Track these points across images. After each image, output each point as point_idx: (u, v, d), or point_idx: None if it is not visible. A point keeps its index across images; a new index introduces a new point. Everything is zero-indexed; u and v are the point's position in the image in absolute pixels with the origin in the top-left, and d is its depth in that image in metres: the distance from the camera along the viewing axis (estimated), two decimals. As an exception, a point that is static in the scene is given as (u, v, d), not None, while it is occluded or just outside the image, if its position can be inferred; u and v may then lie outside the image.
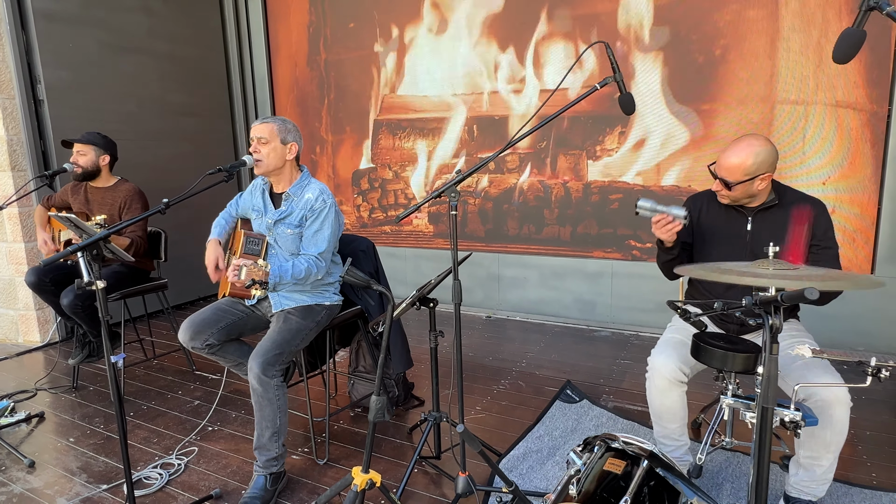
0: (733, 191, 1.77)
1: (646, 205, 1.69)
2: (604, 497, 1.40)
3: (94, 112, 3.86)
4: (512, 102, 3.92)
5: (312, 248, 2.13)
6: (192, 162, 4.56)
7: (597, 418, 2.52)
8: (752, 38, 3.18)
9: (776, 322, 1.02)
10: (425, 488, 2.05)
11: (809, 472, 1.69)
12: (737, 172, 1.74)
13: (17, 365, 3.43)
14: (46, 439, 2.50)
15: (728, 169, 1.75)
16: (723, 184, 1.78)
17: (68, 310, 2.76)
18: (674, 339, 1.88)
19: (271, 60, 4.90)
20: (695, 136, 3.41)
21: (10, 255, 3.68)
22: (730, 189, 1.77)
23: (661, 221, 1.71)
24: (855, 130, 3.05)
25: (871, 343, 3.10)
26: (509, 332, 3.80)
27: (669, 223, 1.70)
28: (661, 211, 1.70)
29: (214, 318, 2.15)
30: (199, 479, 2.15)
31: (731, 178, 1.75)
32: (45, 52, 3.57)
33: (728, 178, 1.76)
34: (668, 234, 1.72)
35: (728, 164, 1.75)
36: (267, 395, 1.94)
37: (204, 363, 3.31)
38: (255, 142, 2.09)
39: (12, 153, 3.52)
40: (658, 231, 1.74)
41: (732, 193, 1.78)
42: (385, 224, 4.59)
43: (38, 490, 2.11)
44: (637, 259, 3.69)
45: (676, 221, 1.69)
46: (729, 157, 1.75)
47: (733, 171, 1.74)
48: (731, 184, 1.75)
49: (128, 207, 2.98)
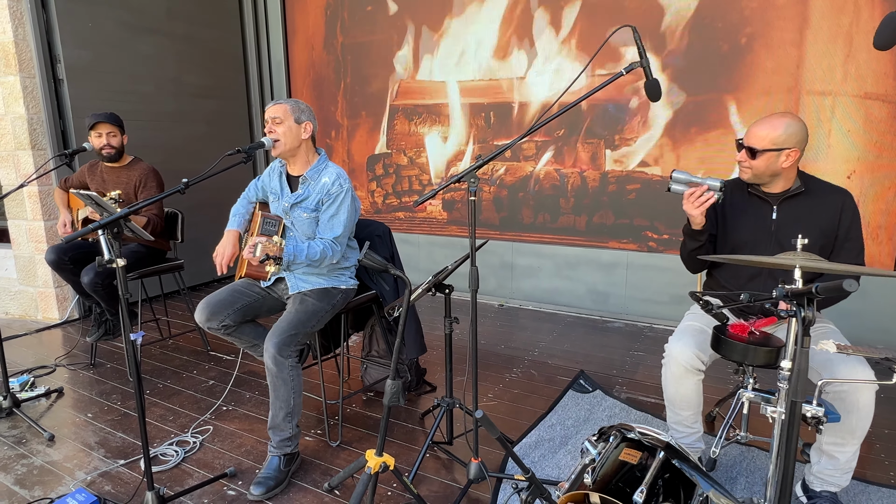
0: (758, 159, 1.71)
1: (681, 177, 1.65)
2: (619, 487, 1.40)
3: (112, 92, 3.88)
4: (531, 89, 3.87)
5: (328, 232, 2.13)
6: (207, 144, 4.57)
7: (609, 409, 2.51)
8: (779, 25, 3.10)
9: (809, 314, 0.99)
10: (437, 473, 2.06)
11: (833, 460, 1.66)
12: (765, 140, 1.70)
13: (37, 341, 3.50)
14: (65, 414, 2.55)
15: (757, 136, 1.71)
16: (748, 152, 1.72)
17: (88, 288, 2.80)
18: (692, 326, 1.85)
19: (288, 43, 4.87)
20: (717, 127, 3.35)
21: (31, 233, 3.73)
22: (755, 157, 1.71)
23: (695, 194, 1.66)
24: (884, 123, 2.96)
25: (889, 340, 3.05)
26: (522, 321, 3.79)
27: (702, 196, 1.65)
28: (697, 182, 1.65)
29: (231, 299, 2.16)
30: (214, 458, 2.18)
31: (758, 144, 1.70)
32: (65, 31, 3.58)
33: (755, 144, 1.71)
34: (700, 209, 1.68)
35: (757, 132, 1.71)
36: (282, 375, 1.95)
37: (218, 344, 3.35)
38: (270, 122, 2.08)
39: (32, 132, 3.55)
40: (690, 206, 1.69)
41: (756, 163, 1.72)
42: (399, 210, 4.58)
43: (58, 463, 2.15)
44: (653, 251, 3.65)
45: (712, 194, 1.64)
46: (759, 126, 1.72)
47: (762, 138, 1.70)
48: (757, 151, 1.70)
49: (143, 186, 3.00)
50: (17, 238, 3.80)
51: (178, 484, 2.00)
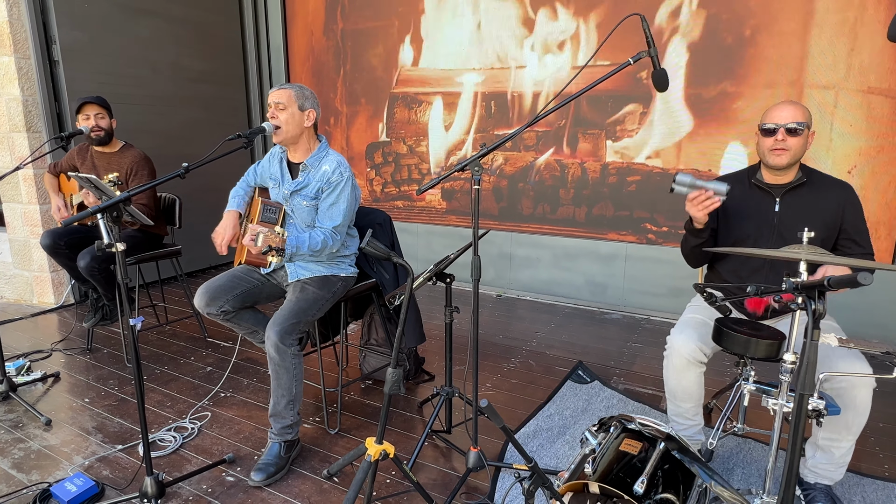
0: (797, 138, 1.71)
1: (685, 180, 1.62)
2: (620, 477, 1.41)
3: (108, 75, 3.82)
4: (532, 79, 3.84)
5: (328, 221, 2.11)
6: (205, 129, 4.53)
7: (607, 399, 2.52)
8: (784, 18, 3.08)
9: (819, 307, 0.99)
10: (436, 461, 2.06)
11: (828, 454, 1.67)
12: (799, 116, 1.71)
13: (32, 325, 3.47)
14: (62, 399, 2.54)
15: (790, 115, 1.71)
16: (788, 132, 1.72)
17: (85, 272, 2.77)
18: (694, 319, 1.86)
19: (287, 28, 4.81)
20: (719, 119, 3.34)
21: (26, 216, 3.69)
22: (798, 133, 1.71)
23: (698, 198, 1.65)
24: (886, 118, 2.96)
25: (885, 335, 3.07)
26: (520, 312, 3.80)
27: (707, 200, 1.64)
28: (701, 186, 1.63)
29: (230, 284, 2.15)
30: (213, 444, 2.18)
31: (795, 122, 1.70)
32: (60, 11, 3.52)
33: (792, 122, 1.70)
34: (703, 211, 1.67)
35: (788, 112, 1.72)
36: (284, 363, 1.94)
37: (216, 330, 3.34)
38: (273, 108, 2.05)
39: (27, 113, 3.50)
40: (693, 209, 1.68)
41: (795, 142, 1.72)
42: (398, 199, 4.56)
43: (55, 447, 2.15)
44: (652, 243, 3.65)
45: (716, 198, 1.63)
46: (783, 108, 1.73)
47: (797, 114, 1.71)
48: (797, 128, 1.70)
49: (135, 174, 2.96)
50: (11, 222, 3.76)
51: (176, 469, 2.00)
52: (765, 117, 1.77)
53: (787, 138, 1.72)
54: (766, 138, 1.76)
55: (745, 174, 1.91)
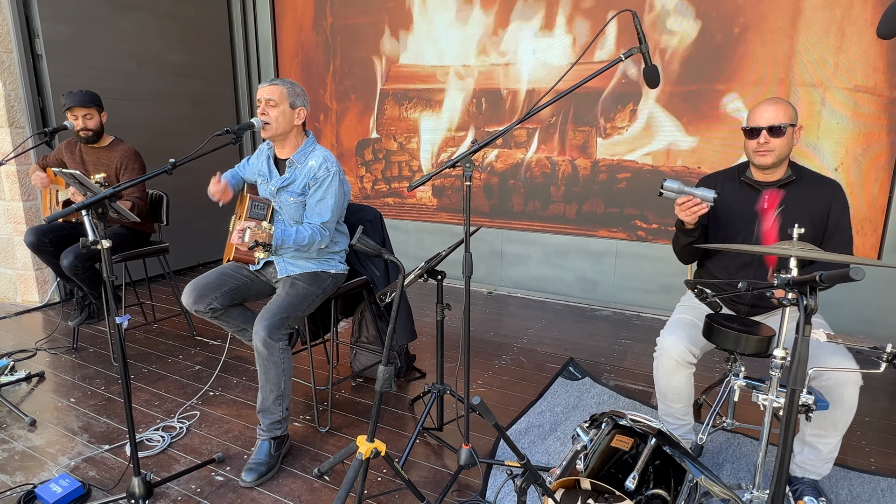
0: (781, 137, 1.71)
1: (673, 186, 1.64)
2: (611, 473, 1.41)
3: (93, 70, 3.76)
4: (523, 76, 3.83)
5: (315, 217, 2.09)
6: (193, 124, 4.47)
7: (598, 396, 2.53)
8: (773, 16, 3.10)
9: (811, 303, 0.99)
10: (427, 459, 2.06)
11: (815, 450, 1.69)
12: (783, 116, 1.71)
13: (16, 324, 3.41)
14: (47, 399, 2.49)
15: (773, 115, 1.71)
16: (770, 132, 1.72)
17: (68, 271, 2.73)
18: (683, 319, 1.87)
19: (276, 22, 4.76)
20: (708, 117, 3.35)
21: (9, 213, 3.62)
22: (782, 133, 1.71)
23: (686, 203, 1.66)
24: (872, 116, 2.99)
25: (871, 331, 3.11)
26: (510, 309, 3.80)
27: (695, 205, 1.65)
28: (689, 192, 1.64)
29: (219, 281, 2.12)
30: (202, 443, 2.15)
31: (777, 122, 1.70)
32: (43, 4, 3.45)
33: (776, 122, 1.71)
34: (691, 216, 1.68)
35: (770, 112, 1.72)
36: (272, 358, 1.93)
37: (204, 328, 3.30)
38: (263, 104, 2.02)
39: (10, 109, 3.43)
40: (682, 213, 1.69)
41: (780, 142, 1.72)
42: (388, 196, 4.54)
43: (40, 448, 2.11)
44: (642, 240, 3.67)
45: (703, 204, 1.64)
46: (767, 107, 1.73)
47: (778, 114, 1.71)
48: (780, 127, 1.70)
49: (125, 169, 2.92)
50: (-6, 219, 3.70)
51: (164, 469, 1.98)
52: (748, 118, 1.78)
53: (770, 139, 1.73)
54: (750, 140, 1.78)
55: (735, 171, 1.92)
